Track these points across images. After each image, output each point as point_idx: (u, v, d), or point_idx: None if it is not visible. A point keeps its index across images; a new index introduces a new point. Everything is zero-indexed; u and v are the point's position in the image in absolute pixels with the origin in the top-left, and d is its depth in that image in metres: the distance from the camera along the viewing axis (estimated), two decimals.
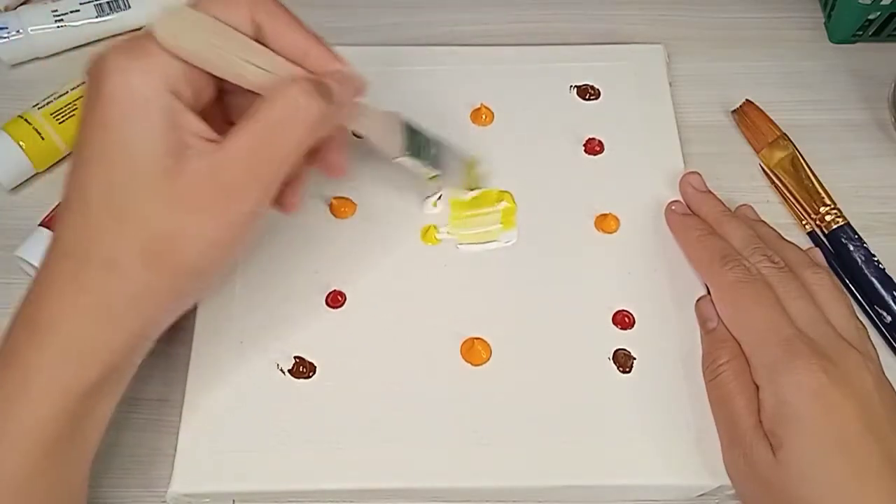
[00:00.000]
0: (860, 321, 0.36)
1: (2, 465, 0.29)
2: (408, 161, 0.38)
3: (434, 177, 0.40)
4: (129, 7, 0.48)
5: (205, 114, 0.31)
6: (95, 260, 0.29)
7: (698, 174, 0.42)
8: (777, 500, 0.32)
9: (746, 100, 0.46)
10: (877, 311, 0.41)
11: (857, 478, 0.31)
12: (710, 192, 0.41)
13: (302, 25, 0.32)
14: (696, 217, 0.40)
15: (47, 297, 0.30)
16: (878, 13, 0.47)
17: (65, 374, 0.30)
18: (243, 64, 0.30)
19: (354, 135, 0.37)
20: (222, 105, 0.33)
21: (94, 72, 0.29)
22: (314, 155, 0.35)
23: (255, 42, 0.31)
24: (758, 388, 0.34)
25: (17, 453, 0.29)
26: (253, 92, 0.31)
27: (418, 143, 0.39)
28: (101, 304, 0.30)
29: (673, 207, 0.41)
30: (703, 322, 0.38)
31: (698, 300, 0.39)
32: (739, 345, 0.36)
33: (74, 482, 0.32)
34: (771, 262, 0.37)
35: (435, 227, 0.41)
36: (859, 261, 0.42)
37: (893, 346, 0.40)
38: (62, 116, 0.44)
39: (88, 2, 0.48)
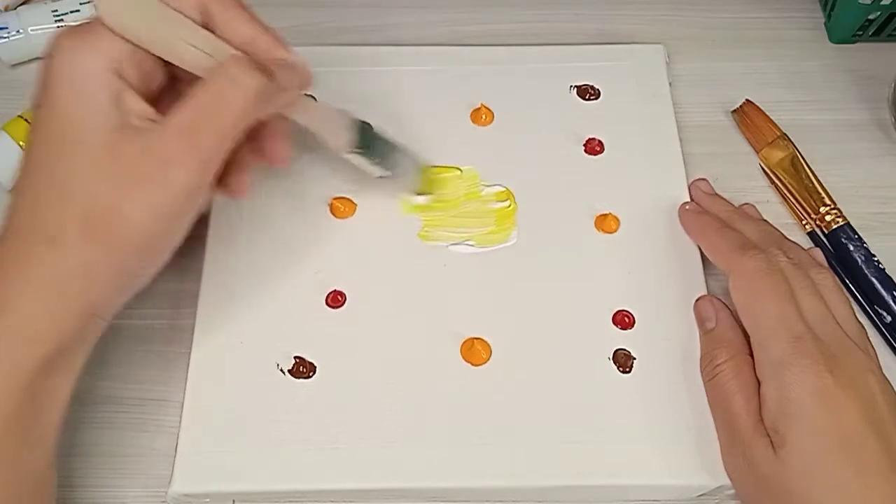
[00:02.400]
0: (860, 322, 0.36)
1: None
2: (355, 158, 0.38)
3: (382, 177, 0.40)
4: None
5: (157, 100, 0.31)
6: (40, 237, 0.30)
7: (706, 180, 0.42)
8: (777, 499, 0.32)
9: (746, 100, 0.46)
10: (877, 311, 0.41)
11: (858, 476, 0.31)
12: (718, 195, 0.42)
13: (251, 14, 0.32)
14: (711, 213, 0.41)
15: None
16: (878, 13, 0.47)
17: (15, 352, 0.30)
18: (185, 46, 0.30)
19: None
20: (176, 92, 0.33)
21: (46, 55, 0.30)
22: (258, 145, 0.35)
23: (196, 25, 0.31)
24: (760, 383, 0.34)
25: None
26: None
27: (368, 143, 0.39)
28: (47, 281, 0.30)
29: (687, 207, 0.41)
30: (701, 322, 0.38)
31: (697, 300, 0.39)
32: (740, 343, 0.36)
33: (38, 464, 0.32)
34: (786, 257, 0.37)
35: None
36: (859, 261, 0.42)
37: (893, 346, 0.40)
38: None
39: (88, 2, 0.47)
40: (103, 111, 0.29)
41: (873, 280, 0.41)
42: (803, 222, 0.44)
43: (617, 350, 0.38)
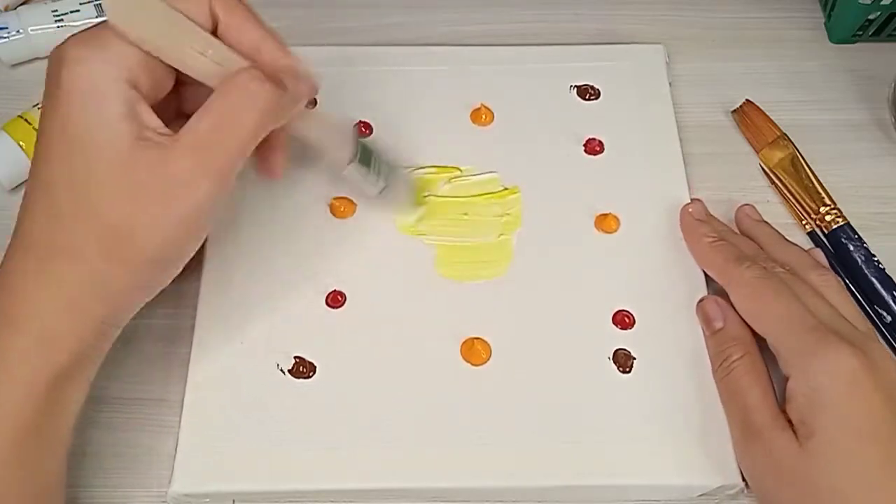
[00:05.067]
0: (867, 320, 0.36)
1: None
2: (356, 172, 0.37)
3: (382, 191, 0.39)
4: None
5: (160, 104, 0.31)
6: (59, 250, 0.30)
7: (700, 202, 0.42)
8: (801, 492, 0.32)
9: (746, 100, 0.46)
10: (877, 311, 0.41)
11: (885, 467, 0.31)
12: (709, 220, 0.41)
13: (259, 20, 0.32)
14: (707, 224, 0.41)
15: (14, 288, 0.30)
16: (878, 13, 0.47)
17: (34, 363, 0.30)
18: (193, 54, 0.30)
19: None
20: (178, 96, 0.33)
21: (54, 62, 0.29)
22: (254, 157, 0.35)
23: (206, 33, 0.31)
24: (787, 379, 0.34)
25: None
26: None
27: (368, 156, 0.38)
28: (67, 294, 0.30)
29: (690, 210, 0.41)
30: (708, 323, 0.38)
31: (700, 302, 0.39)
32: (750, 339, 0.36)
33: (50, 473, 0.32)
34: (780, 267, 0.37)
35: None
36: (859, 261, 0.42)
37: (893, 346, 0.40)
38: None
39: (88, 2, 0.47)
40: (118, 125, 0.29)
41: (873, 280, 0.41)
42: (803, 222, 0.44)
43: (617, 350, 0.38)
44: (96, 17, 0.47)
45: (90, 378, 0.32)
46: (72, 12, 0.47)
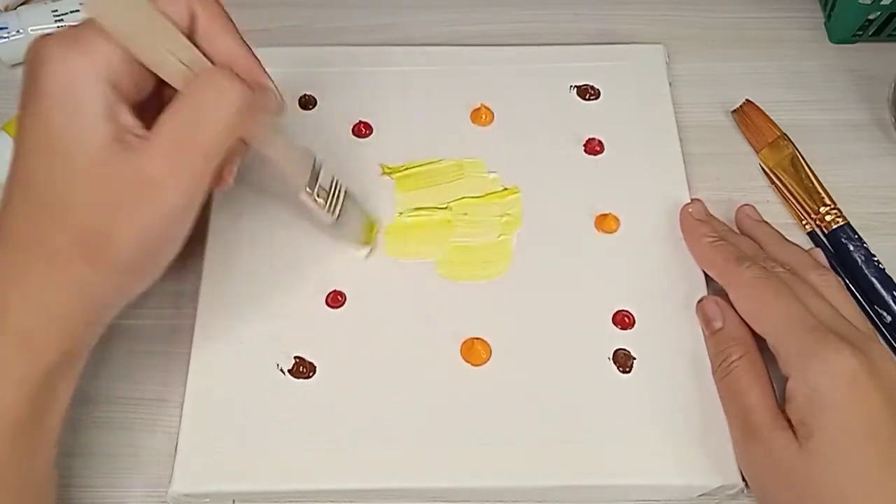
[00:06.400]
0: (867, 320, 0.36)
1: None
2: (309, 200, 0.36)
3: (333, 224, 0.38)
4: None
5: (142, 104, 0.31)
6: (39, 253, 0.30)
7: (700, 202, 0.42)
8: (799, 492, 0.32)
9: (746, 100, 0.46)
10: (877, 311, 0.41)
11: (885, 467, 0.31)
12: (709, 220, 0.41)
13: (236, 32, 0.32)
14: (708, 224, 0.41)
15: None
16: (878, 13, 0.47)
17: (23, 361, 0.30)
18: (165, 54, 0.30)
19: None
20: (160, 97, 0.32)
21: (33, 60, 0.29)
22: None
23: (181, 35, 0.30)
24: (787, 380, 0.34)
25: None
26: None
27: (324, 187, 0.37)
28: (50, 295, 0.30)
29: (690, 210, 0.41)
30: (707, 322, 0.38)
31: (699, 302, 0.39)
32: (750, 340, 0.36)
33: (40, 470, 0.32)
34: (781, 267, 0.37)
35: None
36: (859, 261, 0.42)
37: (893, 346, 0.40)
38: None
39: None
40: (96, 126, 0.29)
41: (873, 280, 0.41)
42: (803, 222, 0.44)
43: (617, 350, 0.38)
44: None
45: (76, 375, 0.32)
46: (72, 12, 0.47)
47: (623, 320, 0.39)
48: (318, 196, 0.36)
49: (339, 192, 0.38)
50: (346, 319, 0.39)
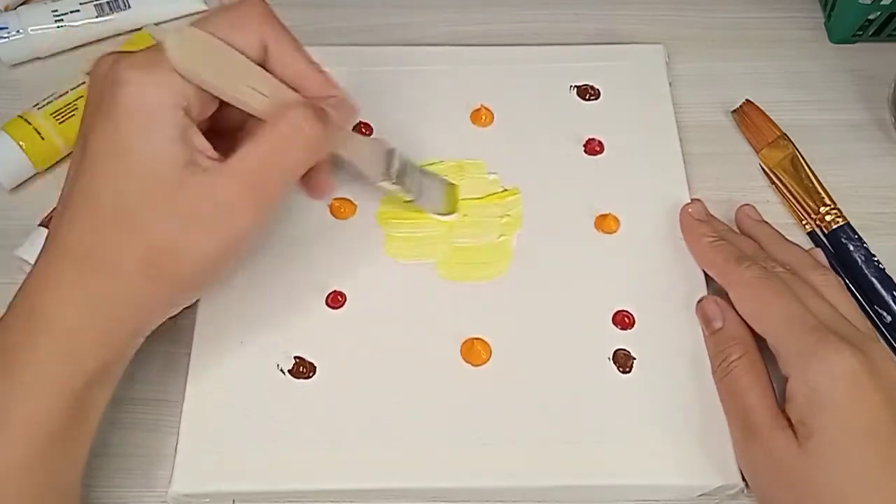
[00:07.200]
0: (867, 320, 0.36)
1: (3, 459, 0.30)
2: (387, 186, 0.39)
3: (410, 201, 0.40)
4: (129, 7, 0.48)
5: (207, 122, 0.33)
6: (99, 264, 0.31)
7: (700, 202, 0.42)
8: (800, 493, 0.32)
9: (746, 100, 0.46)
10: (877, 311, 0.41)
11: (885, 467, 0.31)
12: (709, 220, 0.41)
13: (303, 51, 0.34)
14: (708, 224, 0.41)
15: (47, 294, 0.31)
16: (878, 13, 0.47)
17: (64, 370, 0.30)
18: (244, 89, 0.32)
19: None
20: (214, 116, 0.34)
21: (108, 81, 0.30)
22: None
23: (257, 67, 0.32)
24: (787, 379, 0.34)
25: (18, 448, 0.30)
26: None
27: (400, 170, 0.39)
28: (102, 306, 0.31)
29: (690, 210, 0.41)
30: (707, 322, 0.38)
31: (699, 301, 0.39)
32: (750, 339, 0.36)
33: (71, 478, 0.32)
34: (781, 267, 0.37)
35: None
36: (859, 261, 0.42)
37: (893, 346, 0.40)
38: (62, 116, 0.43)
39: (88, 2, 0.48)
40: (172, 148, 0.30)
41: (873, 280, 0.41)
42: (803, 222, 0.44)
43: (617, 350, 0.38)
44: (96, 17, 0.48)
45: (114, 384, 0.33)
46: (72, 12, 0.47)
47: (623, 320, 0.39)
48: (394, 181, 0.39)
49: (413, 171, 0.40)
50: (346, 320, 0.39)
